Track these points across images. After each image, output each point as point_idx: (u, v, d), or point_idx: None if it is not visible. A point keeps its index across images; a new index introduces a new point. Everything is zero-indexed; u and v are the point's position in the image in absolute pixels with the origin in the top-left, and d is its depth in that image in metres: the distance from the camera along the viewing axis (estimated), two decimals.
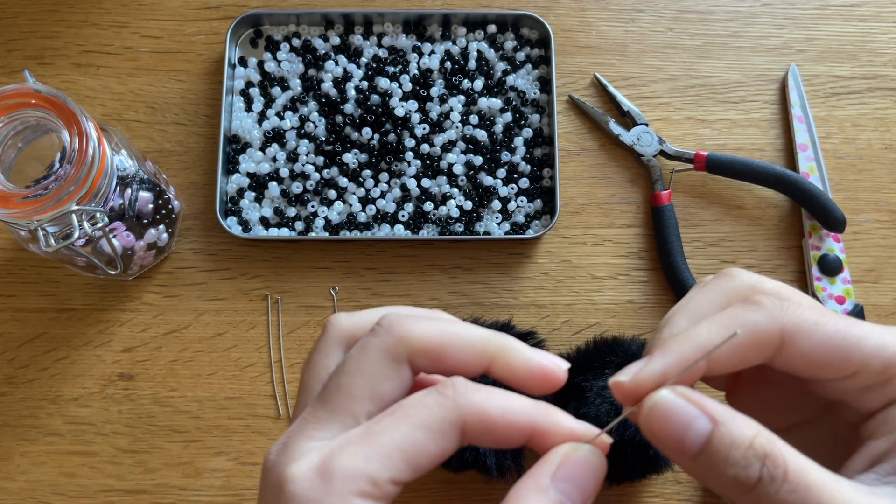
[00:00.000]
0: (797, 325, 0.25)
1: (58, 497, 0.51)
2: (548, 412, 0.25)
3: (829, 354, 0.25)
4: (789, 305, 0.25)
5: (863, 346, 0.25)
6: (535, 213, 0.55)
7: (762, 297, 0.26)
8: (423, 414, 0.24)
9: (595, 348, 0.47)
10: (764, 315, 0.25)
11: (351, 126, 0.56)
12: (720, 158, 0.55)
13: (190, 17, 0.59)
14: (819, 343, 0.25)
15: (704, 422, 0.23)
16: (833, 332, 0.25)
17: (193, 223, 0.55)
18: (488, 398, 0.24)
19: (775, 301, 0.25)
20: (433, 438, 0.24)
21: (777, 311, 0.25)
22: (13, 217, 0.40)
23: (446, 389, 0.24)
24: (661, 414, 0.24)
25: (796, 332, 0.25)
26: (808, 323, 0.25)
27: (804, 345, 0.25)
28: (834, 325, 0.25)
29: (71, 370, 0.53)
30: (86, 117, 0.41)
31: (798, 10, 0.60)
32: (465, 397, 0.24)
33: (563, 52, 0.59)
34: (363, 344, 0.26)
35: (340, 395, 0.25)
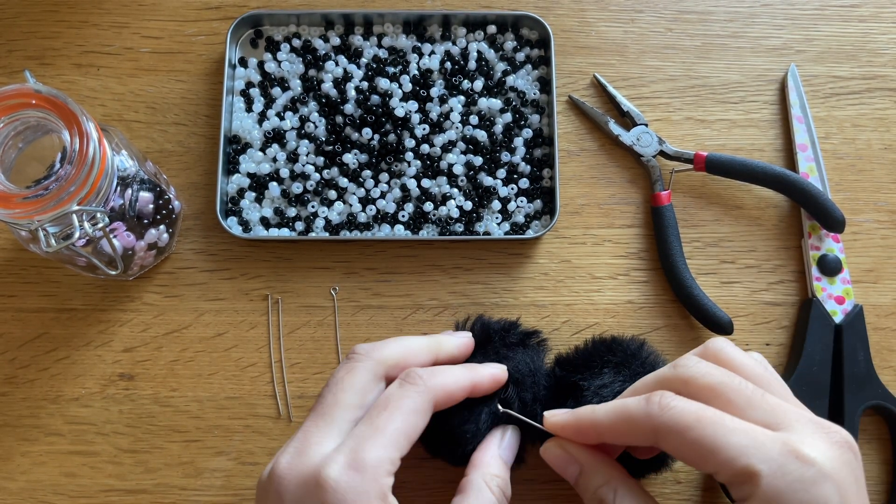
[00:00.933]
0: (669, 426, 0.32)
1: (58, 497, 0.51)
2: (478, 372, 0.40)
3: (694, 454, 0.31)
4: (673, 407, 0.32)
5: (719, 454, 0.31)
6: (535, 214, 0.55)
7: (659, 395, 0.33)
8: (410, 402, 0.35)
9: (593, 348, 0.47)
10: (644, 412, 0.33)
11: (351, 126, 0.56)
12: (720, 159, 0.55)
13: (190, 18, 0.59)
14: (685, 443, 0.31)
15: (574, 468, 0.38)
16: (699, 437, 0.31)
17: (194, 223, 0.55)
18: (444, 376, 0.37)
19: (663, 401, 0.32)
20: (421, 417, 0.35)
21: (656, 411, 0.32)
22: (14, 217, 0.40)
23: (417, 380, 0.36)
24: (548, 456, 0.40)
25: (669, 432, 0.32)
26: (680, 426, 0.31)
27: (674, 442, 0.32)
28: (702, 431, 0.31)
29: (71, 370, 0.53)
30: (86, 117, 0.42)
31: (798, 11, 0.60)
32: (431, 381, 0.36)
33: (563, 52, 0.59)
34: (349, 367, 0.37)
35: (338, 408, 0.35)
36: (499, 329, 0.47)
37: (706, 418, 0.31)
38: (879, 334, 0.54)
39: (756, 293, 0.55)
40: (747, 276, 0.55)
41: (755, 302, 0.55)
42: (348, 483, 0.30)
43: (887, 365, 0.54)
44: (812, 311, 0.52)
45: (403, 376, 0.36)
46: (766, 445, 0.30)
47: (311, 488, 0.30)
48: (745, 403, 0.32)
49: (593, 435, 0.36)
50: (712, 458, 0.30)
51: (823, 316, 0.52)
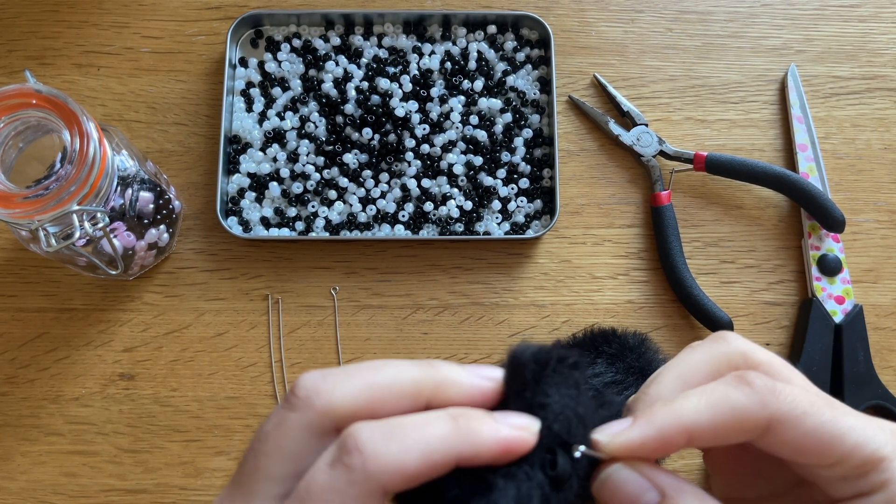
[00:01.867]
0: (786, 413, 0.25)
1: (58, 497, 0.51)
2: (471, 434, 0.23)
3: (813, 445, 0.25)
4: (781, 390, 0.25)
5: (846, 441, 0.25)
6: (535, 214, 0.55)
7: (754, 376, 0.25)
8: (337, 501, 0.22)
9: (590, 337, 0.47)
10: (754, 400, 0.25)
11: (351, 126, 0.56)
12: (720, 159, 0.55)
13: (190, 18, 0.59)
14: (805, 433, 0.25)
15: (654, 494, 0.25)
16: (819, 424, 0.25)
17: (194, 223, 0.55)
18: (403, 451, 0.22)
19: (767, 384, 0.25)
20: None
21: (768, 397, 0.25)
22: (14, 217, 0.40)
23: (352, 459, 0.22)
24: (613, 485, 0.25)
25: (784, 421, 0.25)
26: (797, 412, 0.25)
27: (790, 434, 0.25)
28: (821, 417, 0.25)
29: (72, 370, 0.53)
30: (86, 117, 0.42)
31: (797, 11, 0.60)
32: (376, 462, 0.22)
33: (563, 52, 0.59)
34: (279, 420, 0.24)
35: (258, 480, 0.24)
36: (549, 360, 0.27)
37: (817, 402, 0.25)
38: (879, 334, 0.54)
39: (756, 293, 0.55)
40: (747, 276, 0.55)
41: (755, 302, 0.55)
42: None
43: (887, 365, 0.54)
44: (812, 311, 0.53)
45: (339, 445, 0.22)
46: (883, 429, 0.26)
47: None
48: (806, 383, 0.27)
49: (681, 442, 0.26)
50: (835, 446, 0.25)
51: (823, 316, 0.52)
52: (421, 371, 0.24)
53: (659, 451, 0.25)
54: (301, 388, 0.24)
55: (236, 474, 0.24)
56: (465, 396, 0.25)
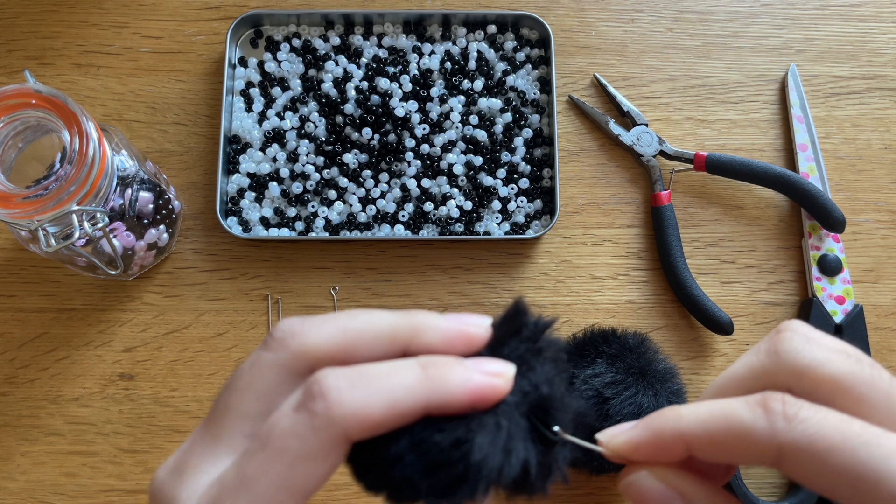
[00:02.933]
0: (801, 447, 0.22)
1: (58, 497, 0.51)
2: (441, 382, 0.22)
3: (838, 485, 0.22)
4: (804, 418, 0.22)
5: (883, 485, 0.21)
6: (535, 214, 0.55)
7: (776, 399, 0.23)
8: (297, 446, 0.21)
9: (590, 337, 0.47)
10: (762, 424, 0.22)
11: (351, 126, 0.56)
12: (720, 158, 0.55)
13: (190, 18, 0.59)
14: (828, 472, 0.22)
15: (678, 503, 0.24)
16: (847, 463, 0.21)
17: (194, 223, 0.55)
18: (368, 398, 0.21)
19: (789, 409, 0.22)
20: (316, 465, 0.21)
21: (780, 424, 0.22)
22: (14, 217, 0.40)
23: (316, 404, 0.21)
24: (637, 492, 0.24)
25: (799, 455, 0.22)
26: (818, 447, 0.22)
27: (808, 469, 0.22)
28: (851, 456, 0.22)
29: (71, 370, 0.53)
30: (86, 117, 0.42)
31: (798, 11, 0.60)
32: (340, 409, 0.21)
33: (563, 52, 0.59)
34: (254, 360, 0.23)
35: (230, 416, 0.23)
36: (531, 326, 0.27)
37: (854, 435, 0.22)
38: (879, 334, 0.54)
39: (756, 293, 0.55)
40: (747, 276, 0.55)
41: (755, 302, 0.55)
42: None
43: (888, 365, 0.53)
44: (812, 311, 0.52)
45: (305, 389, 0.22)
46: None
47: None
48: (885, 403, 0.23)
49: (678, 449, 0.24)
50: (868, 490, 0.21)
51: (823, 316, 0.52)
52: (397, 317, 0.24)
53: (655, 455, 0.24)
54: (278, 331, 0.24)
55: (210, 411, 0.24)
56: (443, 342, 0.24)
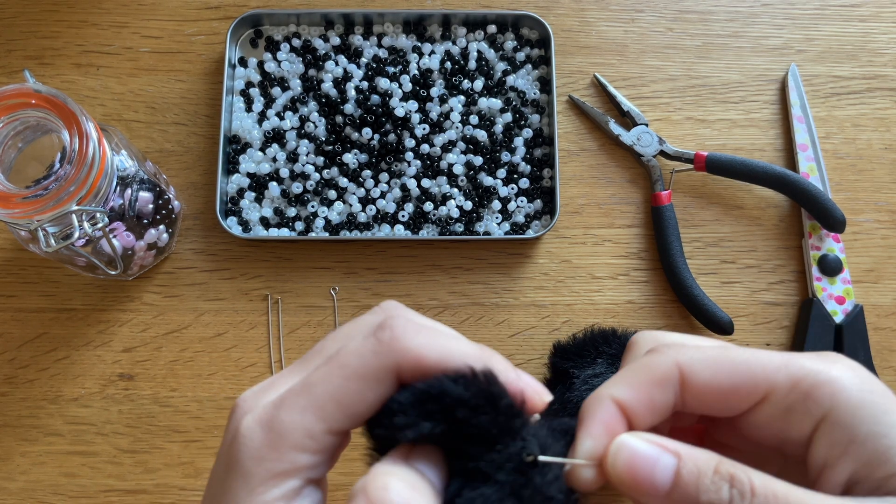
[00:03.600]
0: (693, 358, 0.25)
1: (58, 497, 0.51)
2: (490, 363, 0.25)
3: (731, 381, 0.25)
4: (687, 347, 0.26)
5: (765, 367, 0.25)
6: (535, 213, 0.55)
7: (660, 346, 0.26)
8: (357, 363, 0.24)
9: (590, 337, 0.47)
10: (660, 356, 0.26)
11: (351, 126, 0.56)
12: (720, 158, 0.55)
13: (190, 18, 0.59)
14: (717, 372, 0.25)
15: (669, 457, 0.24)
16: (730, 360, 0.25)
17: (193, 223, 0.55)
18: (427, 345, 0.24)
19: (674, 346, 0.26)
20: (368, 386, 0.24)
21: (673, 352, 0.26)
22: (13, 217, 0.40)
23: (384, 334, 0.24)
24: (627, 456, 0.24)
25: (693, 365, 0.25)
26: (705, 357, 0.25)
27: (703, 376, 0.25)
28: (731, 355, 0.25)
29: (71, 370, 0.53)
30: (86, 117, 0.41)
31: (798, 11, 0.60)
32: (402, 342, 0.24)
33: (563, 52, 0.59)
34: (358, 346, 0.25)
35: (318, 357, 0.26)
36: None
37: (727, 346, 0.26)
38: (880, 334, 0.54)
39: (756, 293, 0.55)
40: (747, 276, 0.55)
41: (755, 302, 0.55)
42: (248, 439, 0.24)
43: (888, 365, 0.53)
44: (812, 311, 0.52)
45: (380, 324, 0.25)
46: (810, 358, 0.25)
47: (231, 431, 0.25)
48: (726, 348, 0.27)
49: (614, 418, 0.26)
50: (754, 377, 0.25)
51: (824, 316, 0.52)
52: (479, 354, 0.26)
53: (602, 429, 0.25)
54: (386, 304, 0.27)
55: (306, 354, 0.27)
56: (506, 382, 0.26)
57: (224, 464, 0.25)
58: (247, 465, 0.24)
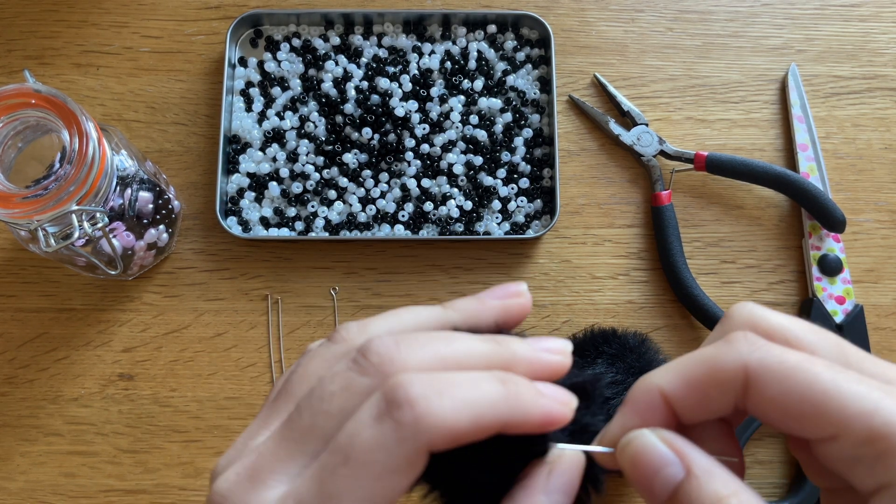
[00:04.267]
0: (765, 365, 0.22)
1: (58, 497, 0.51)
2: (518, 402, 0.23)
3: (800, 405, 0.21)
4: (765, 345, 0.22)
5: (844, 404, 0.21)
6: (535, 213, 0.55)
7: (738, 334, 0.23)
8: (383, 458, 0.21)
9: (591, 337, 0.47)
10: (729, 352, 0.22)
11: (351, 126, 0.56)
12: (720, 158, 0.55)
13: (190, 17, 0.59)
14: (788, 390, 0.21)
15: (677, 469, 0.22)
16: (809, 381, 0.21)
17: (193, 223, 0.55)
18: (454, 411, 0.21)
19: (751, 338, 0.23)
20: (399, 478, 0.21)
21: (745, 348, 0.22)
22: (13, 217, 0.40)
23: (403, 414, 0.21)
24: (633, 451, 0.23)
25: (763, 374, 0.22)
26: (781, 366, 0.22)
27: (771, 389, 0.22)
28: (813, 375, 0.21)
29: (71, 370, 0.53)
30: (86, 117, 0.41)
31: (798, 10, 0.60)
32: (427, 420, 0.21)
33: (563, 52, 0.59)
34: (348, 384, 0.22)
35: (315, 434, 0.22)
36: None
37: (817, 361, 0.22)
38: (880, 334, 0.54)
39: (756, 293, 0.55)
40: (748, 276, 0.55)
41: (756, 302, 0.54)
42: None
43: None
44: (812, 311, 0.52)
45: (387, 397, 0.21)
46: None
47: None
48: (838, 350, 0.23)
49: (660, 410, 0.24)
50: (833, 410, 0.21)
51: (824, 316, 0.52)
52: (492, 348, 0.24)
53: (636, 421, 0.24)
54: (373, 354, 0.23)
55: (288, 429, 0.23)
56: (531, 373, 0.24)
57: None
58: None
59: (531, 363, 0.25)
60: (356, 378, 0.22)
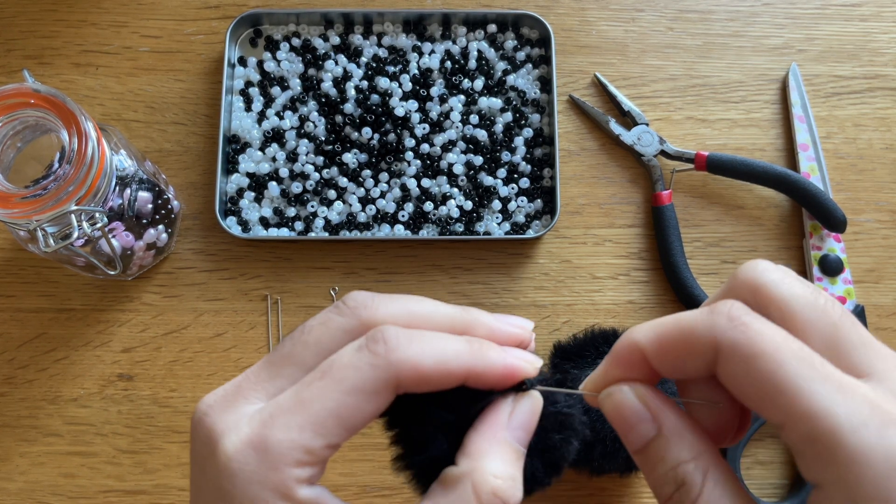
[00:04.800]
0: (734, 345, 0.22)
1: (57, 498, 0.51)
2: (482, 355, 0.26)
3: (758, 389, 0.22)
4: (746, 322, 0.23)
5: (795, 400, 0.21)
6: (535, 213, 0.55)
7: (724, 305, 0.23)
8: (355, 377, 0.24)
9: (590, 337, 0.47)
10: (705, 322, 0.23)
11: (351, 126, 0.56)
12: (721, 158, 0.54)
13: (189, 17, 0.59)
14: (750, 373, 0.22)
15: (649, 427, 0.25)
16: (771, 370, 0.22)
17: (193, 223, 0.55)
18: (422, 352, 0.25)
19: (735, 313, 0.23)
20: (367, 399, 0.24)
21: (722, 322, 0.23)
22: (12, 217, 0.40)
23: (377, 346, 0.24)
24: (613, 405, 0.26)
25: (732, 354, 0.23)
26: (750, 349, 0.22)
27: (736, 370, 0.23)
28: (777, 364, 0.22)
29: (70, 370, 0.52)
30: (85, 117, 0.41)
31: (799, 10, 0.60)
32: (397, 353, 0.24)
33: (564, 51, 0.59)
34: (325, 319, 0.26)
35: (291, 362, 0.26)
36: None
37: (788, 349, 0.22)
38: (881, 335, 0.54)
39: None
40: None
41: None
42: (241, 465, 0.23)
43: None
44: None
45: (368, 336, 0.25)
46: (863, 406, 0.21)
47: (209, 453, 0.24)
48: (830, 332, 0.23)
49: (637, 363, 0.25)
50: (784, 403, 0.21)
51: None
52: (456, 310, 0.27)
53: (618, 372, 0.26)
54: (350, 300, 0.27)
55: (271, 356, 0.26)
56: (492, 338, 0.27)
57: (214, 490, 0.24)
58: (250, 491, 0.23)
59: (492, 329, 0.28)
60: (332, 316, 0.26)
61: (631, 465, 0.45)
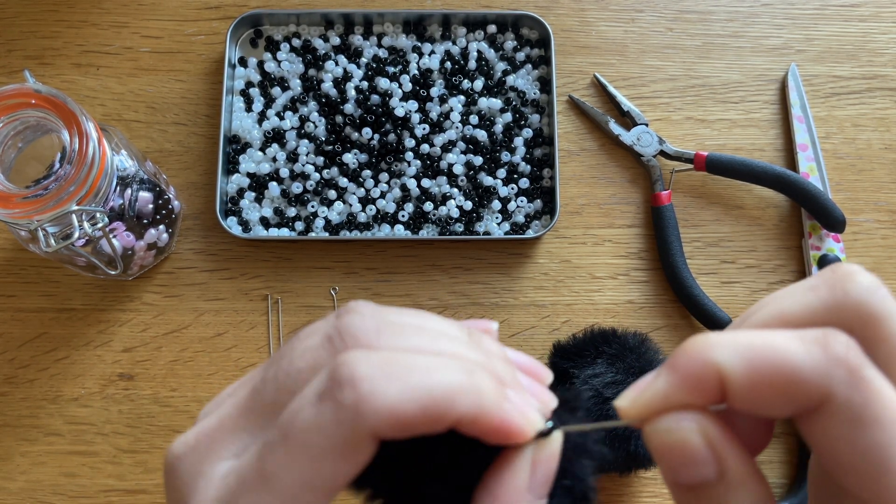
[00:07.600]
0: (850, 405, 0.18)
1: (58, 497, 0.51)
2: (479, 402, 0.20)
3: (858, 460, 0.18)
4: (866, 376, 0.18)
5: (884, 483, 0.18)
6: (535, 213, 0.55)
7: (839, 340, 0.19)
8: (321, 441, 0.19)
9: (590, 337, 0.47)
10: (816, 364, 0.18)
11: (351, 126, 0.56)
12: (720, 158, 0.55)
13: (190, 18, 0.59)
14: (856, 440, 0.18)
15: (710, 470, 0.20)
16: (885, 443, 0.18)
17: (193, 223, 0.55)
18: (401, 397, 0.19)
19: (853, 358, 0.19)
20: (342, 459, 0.19)
21: (836, 371, 0.18)
22: (13, 217, 0.40)
23: (343, 394, 0.19)
24: (668, 440, 0.20)
25: (842, 413, 0.18)
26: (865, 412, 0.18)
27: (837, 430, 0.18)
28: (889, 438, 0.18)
29: (71, 370, 0.53)
30: (86, 117, 0.41)
31: (798, 11, 0.60)
32: (369, 402, 0.19)
33: (563, 52, 0.59)
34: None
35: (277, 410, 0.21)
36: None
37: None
38: None
39: (756, 293, 0.55)
40: (748, 276, 0.55)
41: (755, 302, 0.54)
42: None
43: None
44: None
45: (331, 375, 0.19)
46: None
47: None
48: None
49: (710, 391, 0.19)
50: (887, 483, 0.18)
51: None
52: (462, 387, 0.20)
53: (682, 396, 0.20)
54: (349, 334, 0.20)
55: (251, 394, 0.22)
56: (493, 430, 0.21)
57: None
58: None
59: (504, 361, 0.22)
60: (323, 355, 0.21)
61: (631, 465, 0.45)
